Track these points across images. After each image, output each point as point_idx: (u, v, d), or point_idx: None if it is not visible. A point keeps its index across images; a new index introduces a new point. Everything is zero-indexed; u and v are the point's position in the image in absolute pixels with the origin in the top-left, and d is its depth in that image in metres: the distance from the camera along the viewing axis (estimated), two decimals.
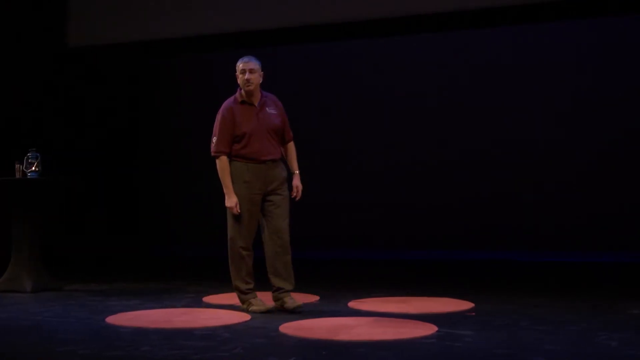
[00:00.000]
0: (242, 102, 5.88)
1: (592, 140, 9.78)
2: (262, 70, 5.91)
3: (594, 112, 9.79)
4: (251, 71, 5.81)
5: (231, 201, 5.77)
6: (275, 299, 5.91)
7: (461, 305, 6.17)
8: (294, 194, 5.96)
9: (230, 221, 5.88)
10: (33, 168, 7.18)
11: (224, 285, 7.04)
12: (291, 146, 6.09)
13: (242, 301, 5.99)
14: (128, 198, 11.09)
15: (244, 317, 5.68)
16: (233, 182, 5.80)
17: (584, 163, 9.81)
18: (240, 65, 5.86)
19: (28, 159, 7.18)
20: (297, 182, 5.99)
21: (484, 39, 10.15)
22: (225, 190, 5.81)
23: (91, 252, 10.00)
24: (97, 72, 10.64)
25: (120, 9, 9.69)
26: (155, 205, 11.36)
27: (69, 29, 9.91)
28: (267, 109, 5.92)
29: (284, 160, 6.04)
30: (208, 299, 6.65)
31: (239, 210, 5.76)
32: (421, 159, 10.32)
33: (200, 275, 8.45)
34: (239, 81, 5.86)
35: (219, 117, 5.89)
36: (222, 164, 5.84)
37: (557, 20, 9.53)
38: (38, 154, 7.22)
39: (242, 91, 5.87)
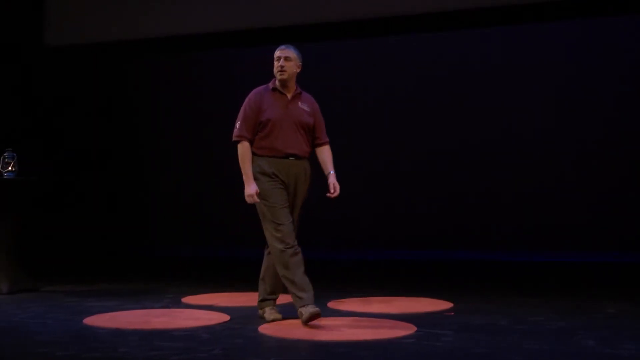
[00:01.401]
0: (274, 90, 5.52)
1: (592, 140, 9.74)
2: (300, 62, 5.55)
3: (593, 112, 9.75)
4: (286, 59, 5.47)
5: (250, 189, 5.30)
6: (259, 307, 5.67)
7: (443, 305, 6.17)
8: (332, 191, 5.49)
9: (262, 219, 5.40)
10: (10, 168, 7.12)
11: (203, 285, 7.10)
12: (327, 148, 5.66)
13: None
14: (107, 198, 11.10)
15: (223, 317, 5.68)
16: (254, 178, 5.36)
17: (584, 163, 9.77)
18: (276, 52, 5.52)
19: (4, 158, 7.13)
20: (333, 179, 5.52)
21: (483, 38, 10.13)
22: (244, 178, 5.34)
23: (69, 252, 9.98)
24: (76, 71, 10.66)
25: (103, 7, 9.73)
26: (134, 205, 11.36)
27: (47, 27, 9.95)
28: (299, 103, 5.53)
29: (309, 160, 5.59)
30: (187, 299, 6.62)
31: (257, 199, 5.30)
32: (421, 159, 10.31)
33: (179, 275, 8.46)
34: (274, 69, 5.51)
35: (245, 101, 5.51)
36: (243, 150, 5.39)
37: (556, 20, 9.52)
38: (14, 154, 7.15)
39: (276, 80, 5.52)
